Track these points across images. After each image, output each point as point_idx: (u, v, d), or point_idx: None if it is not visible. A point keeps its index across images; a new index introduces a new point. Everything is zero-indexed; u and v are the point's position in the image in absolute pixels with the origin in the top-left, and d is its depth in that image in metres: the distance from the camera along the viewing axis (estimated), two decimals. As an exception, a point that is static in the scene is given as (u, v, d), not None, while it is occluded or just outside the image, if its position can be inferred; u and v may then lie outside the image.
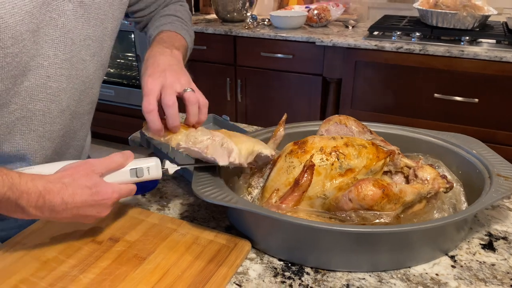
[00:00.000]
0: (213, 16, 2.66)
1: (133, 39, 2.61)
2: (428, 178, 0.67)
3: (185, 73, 0.74)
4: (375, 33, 2.09)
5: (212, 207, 0.75)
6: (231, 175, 0.73)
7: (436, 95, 1.93)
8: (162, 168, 0.67)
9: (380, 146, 0.70)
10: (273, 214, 0.59)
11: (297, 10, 2.43)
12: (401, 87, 2.00)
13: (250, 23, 2.40)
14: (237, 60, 2.39)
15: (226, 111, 2.47)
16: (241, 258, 0.62)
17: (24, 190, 0.56)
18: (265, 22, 2.43)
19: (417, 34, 1.96)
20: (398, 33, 2.00)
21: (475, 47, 1.84)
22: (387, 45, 1.94)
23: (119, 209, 0.73)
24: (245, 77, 2.40)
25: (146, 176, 0.65)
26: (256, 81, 2.37)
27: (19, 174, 0.58)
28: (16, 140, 0.71)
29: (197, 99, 0.69)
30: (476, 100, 1.86)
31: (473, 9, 1.86)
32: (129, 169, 0.64)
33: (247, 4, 2.47)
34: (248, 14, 2.48)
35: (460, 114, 1.91)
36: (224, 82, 2.45)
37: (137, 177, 0.64)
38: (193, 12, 2.76)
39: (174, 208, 0.77)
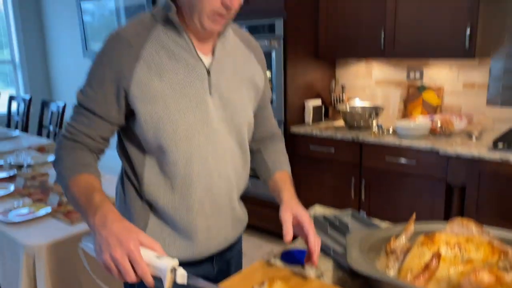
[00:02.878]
0: (341, 123, 3.03)
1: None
2: (539, 275, 0.83)
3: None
4: (500, 145, 2.21)
5: (352, 275, 0.99)
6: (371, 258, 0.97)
7: None
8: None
9: (496, 246, 0.89)
10: (411, 286, 0.81)
11: (421, 121, 2.67)
12: (529, 198, 2.04)
13: (376, 131, 2.70)
14: (362, 162, 2.66)
15: (349, 208, 2.69)
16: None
17: (104, 204, 0.88)
18: (390, 131, 2.70)
19: (544, 148, 2.04)
20: (524, 146, 2.10)
21: None
22: (512, 158, 2.05)
23: None
24: (369, 178, 2.64)
25: (153, 265, 0.80)
26: (380, 182, 2.59)
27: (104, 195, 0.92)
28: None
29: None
30: None
31: None
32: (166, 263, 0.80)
33: (374, 114, 2.79)
34: (374, 123, 2.79)
35: None
36: (349, 182, 2.71)
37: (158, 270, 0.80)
38: (323, 119, 3.17)
39: None
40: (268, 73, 2.97)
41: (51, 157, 2.81)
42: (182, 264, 0.98)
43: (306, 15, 2.96)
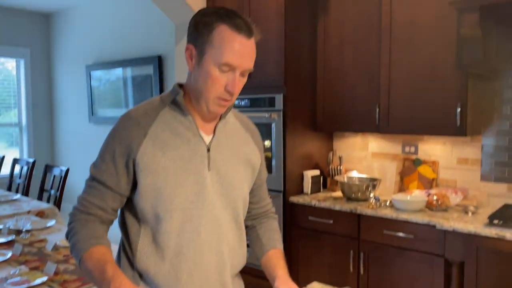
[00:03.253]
0: (339, 194, 3.07)
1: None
2: None
3: None
4: (495, 221, 2.23)
5: None
6: None
7: None
8: None
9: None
10: None
11: (417, 195, 2.71)
12: (528, 277, 2.03)
13: (373, 203, 2.73)
14: (360, 234, 2.67)
15: (348, 282, 2.66)
16: None
17: (116, 277, 0.97)
18: (387, 203, 2.74)
19: (539, 226, 2.07)
20: (519, 223, 2.13)
21: None
22: (508, 235, 2.07)
23: None
24: (368, 251, 2.63)
25: None
26: (378, 255, 2.58)
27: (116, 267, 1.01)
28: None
29: None
30: None
31: None
32: None
33: (371, 186, 2.84)
34: (371, 195, 2.84)
35: None
36: (348, 255, 2.70)
37: None
38: (321, 190, 3.21)
39: None
40: (268, 143, 3.07)
41: (50, 222, 2.82)
42: None
43: (304, 90, 3.12)
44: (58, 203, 3.57)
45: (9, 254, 2.20)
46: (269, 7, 3.00)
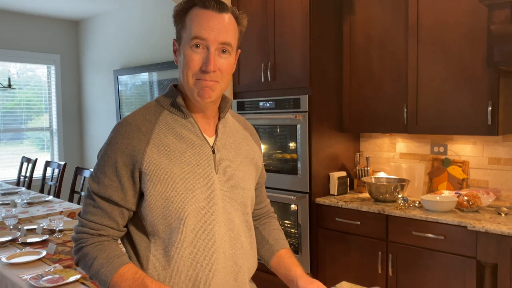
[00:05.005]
0: (366, 195, 3.04)
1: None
2: None
3: None
4: (530, 222, 2.17)
5: None
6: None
7: None
8: None
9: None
10: None
11: (447, 195, 2.66)
12: None
13: (401, 204, 2.69)
14: (388, 236, 2.63)
15: (376, 283, 2.62)
16: None
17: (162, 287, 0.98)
18: (416, 204, 2.70)
19: None
20: (556, 224, 2.06)
21: None
22: (544, 236, 2.00)
23: None
24: (397, 253, 2.59)
25: None
26: (407, 257, 2.54)
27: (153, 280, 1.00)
28: None
29: None
30: None
31: None
32: None
33: (399, 187, 2.80)
34: (400, 196, 2.79)
35: None
36: (376, 256, 2.67)
37: None
38: (348, 191, 3.19)
39: None
40: (294, 145, 3.07)
41: (81, 223, 2.89)
42: None
43: (330, 91, 3.11)
44: (88, 204, 3.66)
45: (44, 253, 2.27)
46: (294, 7, 3.00)
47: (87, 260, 1.04)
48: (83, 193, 3.85)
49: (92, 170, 1.19)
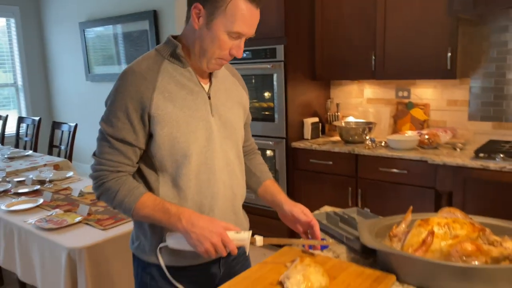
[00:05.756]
0: (337, 138, 3.29)
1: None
2: (509, 247, 1.07)
3: None
4: (481, 155, 2.48)
5: (362, 255, 1.22)
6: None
7: (541, 209, 2.20)
8: (252, 240, 1.14)
9: (476, 225, 1.13)
10: (413, 256, 1.05)
11: (410, 135, 2.94)
12: (508, 202, 2.30)
13: (369, 144, 2.96)
14: (358, 173, 2.92)
15: (348, 215, 2.93)
16: (392, 281, 1.07)
17: (182, 210, 1.12)
18: (382, 144, 2.97)
19: (519, 156, 2.32)
20: (502, 155, 2.38)
21: None
22: (492, 165, 2.32)
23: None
24: (365, 188, 2.89)
25: (237, 240, 1.11)
26: (375, 191, 2.84)
27: (175, 205, 1.15)
28: None
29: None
30: None
31: None
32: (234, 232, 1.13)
33: (367, 129, 3.06)
34: (367, 137, 3.06)
35: None
36: (346, 191, 2.96)
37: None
38: (320, 135, 3.43)
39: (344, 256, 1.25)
40: (270, 94, 3.24)
41: (68, 173, 3.00)
42: (189, 268, 1.25)
43: (304, 41, 3.25)
44: (69, 157, 3.74)
45: (41, 201, 2.40)
46: (267, -42, 3.07)
47: (110, 193, 1.17)
48: (62, 147, 3.92)
49: (70, 123, 1.29)
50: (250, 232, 1.16)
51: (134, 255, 1.31)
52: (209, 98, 1.25)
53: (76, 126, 3.80)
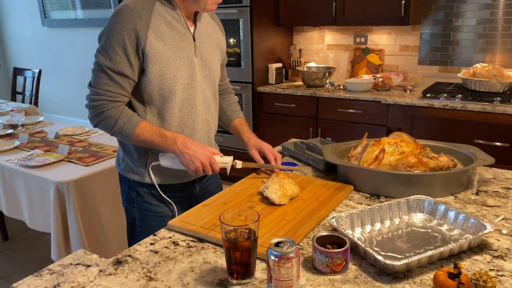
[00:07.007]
0: (300, 82, 3.49)
1: (239, 99, 3.46)
2: (444, 160, 1.33)
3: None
4: (428, 95, 2.77)
5: (325, 173, 1.46)
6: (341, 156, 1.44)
7: (476, 141, 2.54)
8: (233, 164, 1.37)
9: (419, 144, 1.39)
10: (367, 168, 1.29)
11: (366, 78, 3.19)
12: (448, 135, 2.63)
13: (329, 87, 3.19)
14: (318, 114, 3.16)
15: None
16: (350, 190, 1.31)
17: (176, 135, 1.29)
18: (341, 87, 3.21)
19: (460, 96, 2.63)
20: (445, 95, 2.68)
21: (505, 106, 2.47)
22: (436, 103, 2.62)
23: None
24: (325, 127, 3.14)
25: (221, 162, 1.34)
26: (334, 130, 3.11)
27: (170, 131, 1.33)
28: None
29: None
30: (508, 144, 2.45)
31: (501, 78, 2.51)
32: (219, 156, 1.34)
33: (327, 74, 3.27)
34: (328, 81, 3.28)
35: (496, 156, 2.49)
36: (308, 131, 3.21)
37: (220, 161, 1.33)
38: (284, 80, 3.62)
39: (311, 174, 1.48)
40: (236, 40, 3.35)
41: (39, 118, 3.05)
42: (172, 186, 1.44)
43: (267, -14, 3.34)
44: (35, 104, 3.74)
45: (18, 143, 2.48)
46: None
47: (110, 121, 1.30)
48: (27, 94, 3.89)
49: (34, 69, 1.36)
50: (232, 157, 1.36)
51: (120, 175, 1.48)
52: (194, 40, 1.38)
53: (40, 72, 3.76)
